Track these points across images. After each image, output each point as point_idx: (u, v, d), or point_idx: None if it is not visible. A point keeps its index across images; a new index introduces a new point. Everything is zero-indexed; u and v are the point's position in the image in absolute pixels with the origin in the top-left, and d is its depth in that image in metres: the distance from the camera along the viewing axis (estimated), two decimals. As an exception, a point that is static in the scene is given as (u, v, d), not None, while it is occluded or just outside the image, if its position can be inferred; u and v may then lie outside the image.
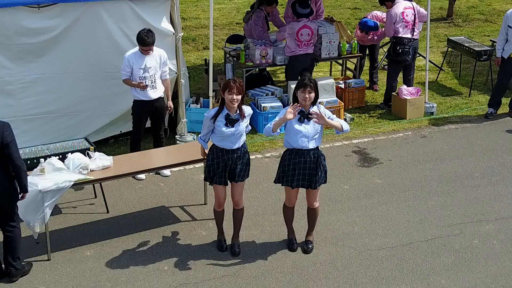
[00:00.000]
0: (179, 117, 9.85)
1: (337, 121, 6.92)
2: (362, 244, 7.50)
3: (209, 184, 7.23)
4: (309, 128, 6.86)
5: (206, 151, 7.23)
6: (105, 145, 9.56)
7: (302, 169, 6.94)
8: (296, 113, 6.77)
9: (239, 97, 6.78)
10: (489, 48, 12.14)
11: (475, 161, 9.49)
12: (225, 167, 6.99)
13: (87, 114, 9.34)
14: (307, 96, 6.77)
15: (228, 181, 7.11)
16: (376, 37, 11.76)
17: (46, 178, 6.96)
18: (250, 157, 9.37)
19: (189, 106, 10.21)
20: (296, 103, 6.81)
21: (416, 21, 10.84)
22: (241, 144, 7.03)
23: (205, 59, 12.24)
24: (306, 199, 7.30)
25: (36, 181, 6.90)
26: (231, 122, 6.84)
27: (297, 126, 6.85)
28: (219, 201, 7.20)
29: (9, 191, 6.50)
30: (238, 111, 6.90)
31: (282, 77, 12.44)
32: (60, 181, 6.95)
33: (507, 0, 18.30)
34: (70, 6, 8.70)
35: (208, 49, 14.08)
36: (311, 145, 6.91)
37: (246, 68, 11.01)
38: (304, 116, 6.84)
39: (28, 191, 6.61)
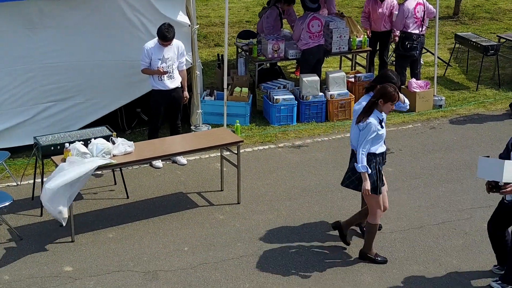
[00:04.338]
0: (194, 108, 10.09)
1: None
2: (375, 227, 7.72)
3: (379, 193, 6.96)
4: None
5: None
6: (121, 136, 9.74)
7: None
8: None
9: None
10: (496, 43, 12.37)
11: (484, 150, 9.70)
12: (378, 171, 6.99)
13: (106, 102, 9.62)
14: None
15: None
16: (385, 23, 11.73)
17: (71, 169, 7.16)
18: (264, 147, 9.77)
19: (203, 98, 10.45)
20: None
21: (425, 17, 11.11)
22: None
23: (218, 54, 12.48)
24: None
25: (63, 171, 7.10)
26: (381, 121, 6.88)
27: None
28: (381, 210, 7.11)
29: None
30: None
31: (292, 71, 12.68)
32: (85, 168, 7.15)
33: (512, -1, 18.54)
34: (90, -3, 9.01)
35: (219, 46, 14.47)
36: None
37: (258, 62, 11.25)
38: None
39: None
